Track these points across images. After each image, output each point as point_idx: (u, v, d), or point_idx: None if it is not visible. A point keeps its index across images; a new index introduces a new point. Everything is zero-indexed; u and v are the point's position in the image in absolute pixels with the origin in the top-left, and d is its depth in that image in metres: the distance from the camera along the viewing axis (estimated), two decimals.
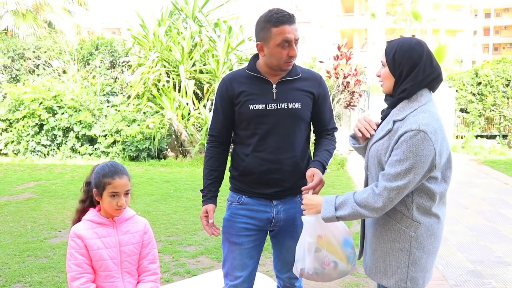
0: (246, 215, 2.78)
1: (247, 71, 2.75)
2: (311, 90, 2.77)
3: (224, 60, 11.56)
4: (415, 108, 2.24)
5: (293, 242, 2.85)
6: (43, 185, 8.62)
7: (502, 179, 9.44)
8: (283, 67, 2.66)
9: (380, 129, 2.36)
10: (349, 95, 11.97)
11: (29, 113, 11.37)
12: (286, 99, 2.69)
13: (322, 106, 2.83)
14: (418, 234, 2.28)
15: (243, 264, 2.80)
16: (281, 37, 2.56)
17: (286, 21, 2.57)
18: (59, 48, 13.40)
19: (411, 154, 2.14)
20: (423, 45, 2.29)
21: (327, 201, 2.33)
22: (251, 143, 2.72)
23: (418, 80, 2.25)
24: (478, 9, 69.57)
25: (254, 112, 2.67)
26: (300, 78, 2.75)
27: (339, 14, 49.18)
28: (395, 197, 2.19)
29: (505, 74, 13.35)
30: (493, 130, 14.12)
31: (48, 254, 5.09)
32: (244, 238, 2.78)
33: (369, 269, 2.45)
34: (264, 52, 2.64)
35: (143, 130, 11.18)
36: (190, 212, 6.74)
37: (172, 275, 4.56)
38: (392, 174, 2.17)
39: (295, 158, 2.74)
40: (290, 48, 2.59)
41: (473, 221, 6.46)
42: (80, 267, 2.39)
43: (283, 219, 2.79)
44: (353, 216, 2.27)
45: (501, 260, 5.03)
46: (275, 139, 2.69)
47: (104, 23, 51.65)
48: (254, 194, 2.77)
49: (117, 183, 2.40)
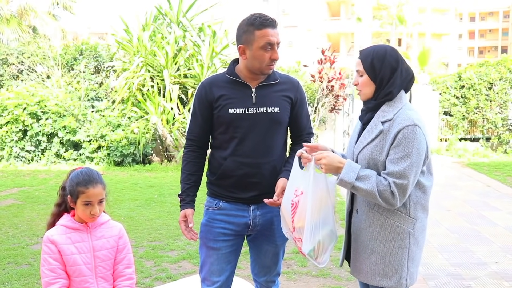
0: (223, 220, 2.78)
1: (226, 75, 2.76)
2: (289, 95, 2.79)
3: (209, 64, 11.57)
4: (399, 107, 2.34)
5: (270, 246, 2.88)
6: (27, 191, 8.56)
7: (485, 181, 9.53)
8: (264, 70, 2.67)
9: (367, 133, 2.39)
10: (334, 98, 12.02)
11: (13, 119, 11.28)
12: (265, 103, 2.70)
13: (299, 111, 2.85)
14: (415, 230, 2.36)
15: (221, 269, 2.80)
16: (265, 39, 2.59)
17: (269, 24, 2.61)
18: (43, 53, 13.33)
19: (413, 149, 2.23)
20: (396, 50, 2.40)
21: (351, 166, 2.31)
22: (229, 147, 2.73)
23: (398, 83, 2.35)
24: (463, 13, 70.25)
25: (233, 115, 2.68)
26: (279, 82, 2.77)
27: (326, 18, 49.48)
28: (405, 194, 2.25)
29: (488, 77, 13.48)
30: (477, 132, 14.24)
31: (29, 260, 5.06)
32: (221, 243, 2.78)
33: (364, 274, 2.43)
34: (246, 55, 2.66)
35: (128, 135, 11.15)
36: (174, 217, 6.72)
37: (153, 280, 4.54)
38: (397, 172, 2.23)
39: (273, 162, 2.75)
40: (272, 51, 2.62)
41: (455, 224, 6.52)
42: (54, 272, 2.38)
43: (260, 224, 2.80)
44: (367, 194, 2.28)
45: (481, 262, 5.07)
46: (253, 143, 2.70)
47: (90, 28, 51.48)
48: (232, 199, 2.77)
49: (90, 192, 2.39)
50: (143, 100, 11.44)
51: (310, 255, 2.43)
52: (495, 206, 7.47)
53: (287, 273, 4.70)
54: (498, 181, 9.50)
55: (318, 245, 2.41)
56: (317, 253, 2.42)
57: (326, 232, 2.41)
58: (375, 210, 2.37)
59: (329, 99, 12.00)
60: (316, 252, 2.42)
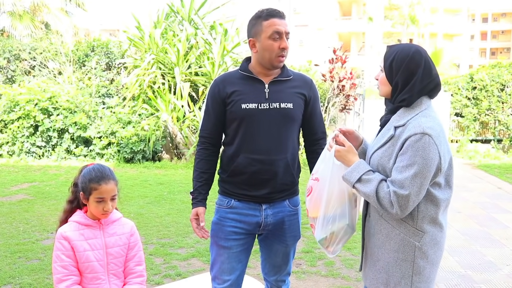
0: (235, 219, 2.77)
1: (239, 72, 2.77)
2: (303, 92, 2.79)
3: (220, 62, 11.57)
4: (416, 113, 2.23)
5: (280, 245, 2.87)
6: (37, 187, 8.61)
7: (496, 184, 9.47)
8: (274, 62, 2.66)
9: (380, 136, 2.33)
10: (345, 98, 11.98)
11: (24, 114, 11.34)
12: (278, 98, 2.70)
13: (313, 109, 2.85)
14: (422, 244, 2.23)
15: (231, 267, 2.80)
16: (272, 28, 2.61)
17: (276, 14, 2.64)
18: (55, 49, 13.39)
19: (418, 159, 2.10)
20: (422, 54, 2.25)
21: (358, 166, 2.24)
22: (241, 143, 2.72)
23: (416, 90, 2.23)
24: (476, 14, 69.76)
25: (246, 111, 2.67)
26: (292, 79, 2.77)
27: (337, 17, 49.35)
28: (406, 205, 2.12)
29: (500, 78, 13.38)
30: (488, 134, 14.13)
31: (39, 255, 5.09)
32: (232, 242, 2.78)
33: (369, 280, 2.38)
34: (256, 47, 2.67)
35: (138, 132, 11.17)
36: (183, 215, 6.73)
37: (163, 278, 4.56)
38: (399, 180, 2.12)
39: (286, 159, 2.74)
40: (281, 40, 2.63)
41: (465, 225, 6.48)
42: (66, 269, 2.39)
43: (271, 223, 2.79)
44: (366, 198, 2.22)
45: (492, 265, 5.04)
46: (266, 139, 2.69)
47: (102, 24, 51.63)
48: (244, 197, 2.76)
49: (103, 189, 2.39)
50: (154, 98, 11.46)
51: (321, 243, 2.40)
52: (506, 209, 7.42)
53: (297, 272, 4.69)
54: (509, 183, 9.42)
55: (331, 236, 2.37)
56: (329, 242, 2.38)
57: (341, 225, 2.35)
58: (383, 217, 2.28)
59: (340, 98, 11.97)
60: (328, 242, 2.38)
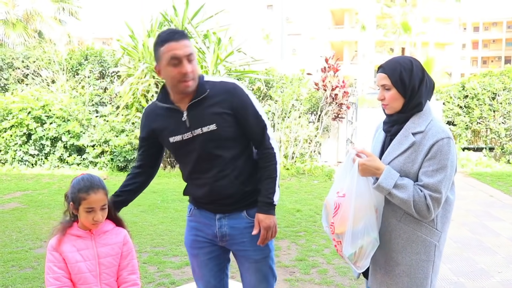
0: (195, 227, 2.76)
1: (159, 103, 2.61)
2: (223, 106, 2.53)
3: (213, 71, 11.60)
4: (430, 119, 2.34)
5: (248, 262, 2.71)
6: (30, 195, 8.58)
7: (488, 191, 9.52)
8: (180, 88, 2.46)
9: (397, 144, 2.36)
10: (337, 107, 12.05)
11: (17, 123, 11.32)
12: (199, 124, 2.53)
13: (244, 116, 2.57)
14: (440, 243, 2.37)
15: (203, 275, 2.79)
16: (169, 54, 2.39)
17: (171, 38, 2.41)
18: (48, 58, 13.38)
19: (448, 162, 2.23)
20: (418, 60, 2.40)
21: (390, 173, 2.27)
22: (185, 171, 2.70)
23: (425, 93, 2.36)
24: (467, 23, 70.41)
25: (174, 144, 2.60)
26: (210, 95, 2.52)
27: (330, 26, 49.50)
28: (439, 206, 2.25)
29: (491, 87, 13.48)
30: (480, 142, 14.21)
31: (32, 264, 5.07)
32: (197, 250, 2.76)
33: (386, 286, 2.40)
34: (162, 75, 2.50)
35: (132, 140, 11.17)
36: (177, 223, 6.73)
37: (156, 286, 4.56)
38: (433, 184, 2.22)
39: (230, 177, 2.58)
40: (181, 66, 2.41)
41: (457, 233, 6.51)
42: (59, 280, 2.38)
43: (228, 235, 2.66)
44: (402, 203, 2.25)
45: (484, 272, 5.07)
46: (204, 164, 2.59)
47: (95, 33, 51.66)
48: (200, 205, 2.73)
49: (92, 198, 2.38)
50: None
51: (350, 258, 2.38)
52: (498, 216, 7.46)
53: (290, 280, 4.70)
54: (501, 191, 9.48)
55: (359, 250, 2.35)
56: (357, 257, 2.37)
57: (370, 239, 2.34)
58: (402, 222, 2.34)
59: (333, 107, 12.03)
60: (357, 257, 2.37)
